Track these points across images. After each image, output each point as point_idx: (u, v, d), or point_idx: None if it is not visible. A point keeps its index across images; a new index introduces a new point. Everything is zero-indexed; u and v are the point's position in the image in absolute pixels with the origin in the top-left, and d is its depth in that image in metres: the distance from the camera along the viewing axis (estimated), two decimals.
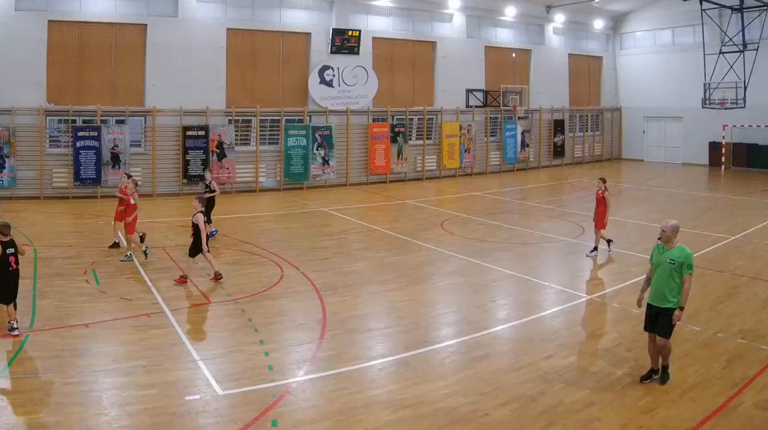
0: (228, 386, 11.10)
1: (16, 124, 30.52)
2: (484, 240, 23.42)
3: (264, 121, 36.64)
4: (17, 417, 9.88)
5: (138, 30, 33.43)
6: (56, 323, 14.01)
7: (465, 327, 14.50)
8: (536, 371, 11.84)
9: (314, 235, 24.43)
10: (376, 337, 13.89)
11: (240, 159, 35.61)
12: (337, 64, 38.41)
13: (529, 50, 47.56)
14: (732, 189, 38.54)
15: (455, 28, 43.53)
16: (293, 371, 11.91)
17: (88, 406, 10.28)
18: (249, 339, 13.37)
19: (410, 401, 10.64)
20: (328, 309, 15.38)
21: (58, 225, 22.83)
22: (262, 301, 15.99)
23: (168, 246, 21.54)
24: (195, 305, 15.81)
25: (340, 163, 38.59)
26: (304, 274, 18.47)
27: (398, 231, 24.86)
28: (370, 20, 40.27)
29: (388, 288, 17.41)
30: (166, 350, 12.69)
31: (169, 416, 10.01)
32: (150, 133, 33.48)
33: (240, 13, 35.99)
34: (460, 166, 43.38)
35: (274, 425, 9.78)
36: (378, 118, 40.32)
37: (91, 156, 31.79)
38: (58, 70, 31.81)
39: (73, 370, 11.55)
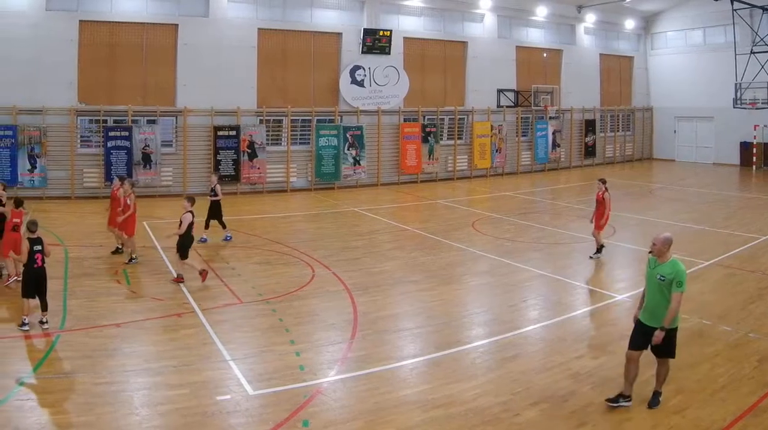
0: (259, 386, 10.84)
1: (47, 125, 29.63)
2: (515, 240, 22.76)
3: (295, 121, 35.51)
4: (48, 417, 9.65)
5: (169, 30, 32.40)
6: (87, 323, 13.69)
7: (496, 327, 14.05)
8: (567, 371, 11.51)
9: (345, 235, 23.79)
10: (407, 337, 13.57)
11: (271, 159, 34.49)
12: (368, 64, 37.18)
13: (560, 50, 45.92)
14: (763, 189, 37.31)
15: (486, 28, 42.03)
16: (324, 371, 11.63)
17: (118, 406, 10.05)
18: (280, 339, 13.05)
19: (441, 401, 10.37)
20: (359, 309, 14.97)
21: (89, 225, 22.24)
22: (293, 301, 15.56)
23: (198, 246, 20.62)
24: (226, 305, 15.29)
25: (371, 163, 37.37)
26: (335, 274, 17.97)
27: (429, 231, 24.14)
28: (401, 20, 38.94)
29: (419, 288, 16.93)
30: (197, 350, 12.41)
31: (200, 416, 9.79)
32: (181, 133, 32.47)
33: (271, 13, 34.84)
34: (492, 166, 41.97)
35: (306, 425, 9.55)
36: (409, 118, 39.00)
37: (122, 156, 30.82)
38: (89, 70, 30.83)
39: (104, 370, 11.31)
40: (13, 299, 14.75)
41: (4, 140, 28.92)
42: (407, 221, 26.93)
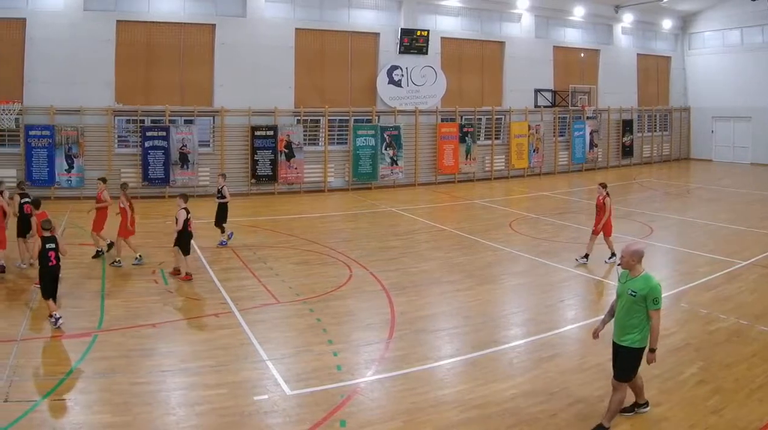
0: (296, 386, 10.57)
1: (84, 125, 28.63)
2: (552, 240, 22.03)
3: (332, 121, 34.21)
4: (84, 417, 9.41)
5: (206, 30, 31.19)
6: (124, 322, 13.40)
7: (533, 327, 13.67)
8: (604, 372, 10.89)
9: (383, 235, 22.99)
10: (445, 337, 13.18)
11: (308, 159, 33.22)
12: (406, 64, 35.67)
13: (597, 50, 43.92)
14: None
15: (524, 28, 40.25)
16: (361, 371, 11.32)
17: (156, 406, 9.85)
18: (317, 339, 12.72)
19: (478, 401, 10.10)
20: (396, 309, 14.57)
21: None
22: (330, 301, 15.15)
23: (236, 246, 20.21)
24: (263, 304, 14.84)
25: (408, 163, 35.91)
26: (373, 274, 17.42)
27: (467, 231, 23.30)
28: (439, 20, 37.32)
29: (456, 288, 16.40)
30: (235, 349, 12.10)
31: (237, 416, 9.58)
32: (218, 133, 31.31)
33: (308, 13, 33.49)
34: (529, 166, 40.28)
35: (343, 426, 9.32)
36: (446, 118, 37.46)
37: (160, 156, 29.75)
38: (126, 70, 29.75)
39: (141, 370, 11.08)
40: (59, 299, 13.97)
41: (41, 140, 27.88)
42: (445, 221, 25.96)
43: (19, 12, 27.64)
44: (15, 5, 27.60)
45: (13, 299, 14.81)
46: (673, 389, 10.43)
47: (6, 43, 27.15)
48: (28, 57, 27.83)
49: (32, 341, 12.36)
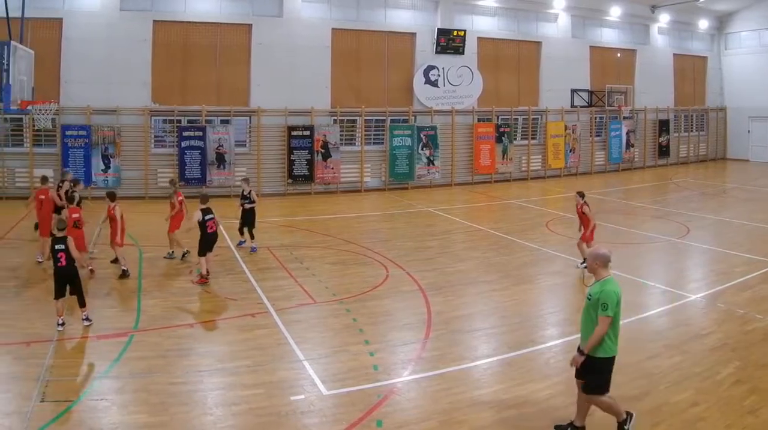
0: (333, 386, 10.23)
1: (121, 125, 27.48)
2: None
3: (369, 121, 32.70)
4: (121, 417, 9.13)
5: (243, 30, 29.85)
6: (161, 322, 12.99)
7: (569, 327, 12.85)
8: (641, 371, 10.76)
9: (419, 235, 22.07)
10: (481, 337, 12.72)
11: (345, 159, 31.73)
12: (442, 64, 33.98)
13: (633, 50, 41.78)
14: None
15: (560, 28, 38.28)
16: (398, 371, 10.92)
17: (193, 406, 9.55)
18: (354, 339, 12.29)
19: (514, 401, 9.78)
20: (432, 309, 14.07)
21: (163, 225, 20.03)
22: (367, 301, 14.61)
23: (273, 246, 19.54)
24: (300, 304, 14.33)
25: (445, 163, 34.21)
26: (409, 274, 16.78)
27: (503, 231, 22.45)
28: (475, 20, 35.50)
29: (492, 288, 15.85)
30: (271, 349, 11.70)
31: (274, 416, 9.27)
32: (255, 133, 29.94)
33: (345, 13, 31.98)
34: (565, 166, 38.36)
35: (379, 426, 9.02)
36: (483, 118, 35.65)
37: (196, 156, 28.48)
38: (162, 70, 28.52)
39: (178, 370, 10.71)
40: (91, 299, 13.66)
41: (78, 140, 26.77)
42: (481, 221, 24.80)
43: (55, 12, 26.54)
44: (52, 5, 26.47)
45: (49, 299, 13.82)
46: (709, 389, 10.11)
47: (43, 43, 25.82)
48: (65, 57, 26.76)
49: (68, 341, 11.91)
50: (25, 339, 11.71)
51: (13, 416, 8.93)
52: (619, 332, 8.46)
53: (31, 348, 11.36)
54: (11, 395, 9.62)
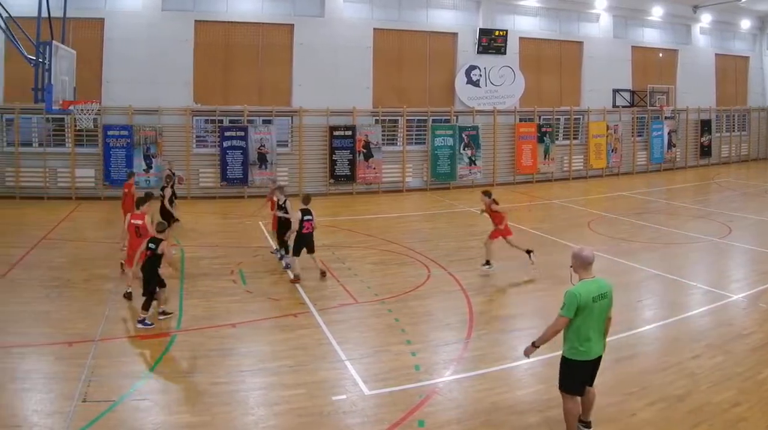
0: (375, 386, 9.67)
1: (162, 125, 25.86)
2: (631, 240, 19.87)
3: (411, 121, 30.65)
4: (164, 417, 8.60)
5: (285, 30, 28.03)
6: (203, 322, 12.33)
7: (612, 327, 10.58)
8: (683, 371, 10.20)
9: (461, 235, 20.76)
10: (523, 337, 11.47)
11: (386, 159, 29.79)
12: (484, 64, 31.79)
13: (675, 50, 38.98)
14: None
15: (602, 28, 35.74)
16: (440, 371, 10.33)
17: (234, 406, 9.05)
18: (396, 339, 11.63)
19: (557, 401, 8.54)
20: (474, 309, 13.25)
21: (205, 225, 20.23)
22: (408, 301, 13.80)
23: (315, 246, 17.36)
24: (342, 305, 13.59)
25: (486, 163, 32.03)
26: (451, 274, 15.79)
27: (545, 231, 21.14)
28: (517, 20, 33.22)
29: (534, 288, 15.01)
30: (313, 350, 11.09)
31: (316, 416, 8.77)
32: (297, 133, 28.11)
33: (387, 14, 29.97)
34: (607, 166, 35.89)
35: (421, 425, 8.47)
36: (525, 118, 33.39)
37: (238, 156, 26.79)
38: (204, 70, 26.86)
39: (220, 370, 10.18)
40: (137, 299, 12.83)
41: (120, 140, 25.25)
42: (523, 221, 23.10)
43: (97, 12, 25.04)
44: (93, 5, 24.97)
45: (91, 299, 13.43)
46: (751, 389, 9.51)
47: (85, 43, 24.23)
48: (107, 57, 25.27)
49: (111, 341, 11.25)
50: (68, 339, 11.03)
51: (55, 416, 8.43)
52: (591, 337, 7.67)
53: (73, 348, 10.72)
54: (53, 395, 9.09)
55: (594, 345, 7.71)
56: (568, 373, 7.85)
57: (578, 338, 7.65)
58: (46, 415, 8.50)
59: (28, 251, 17.11)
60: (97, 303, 13.07)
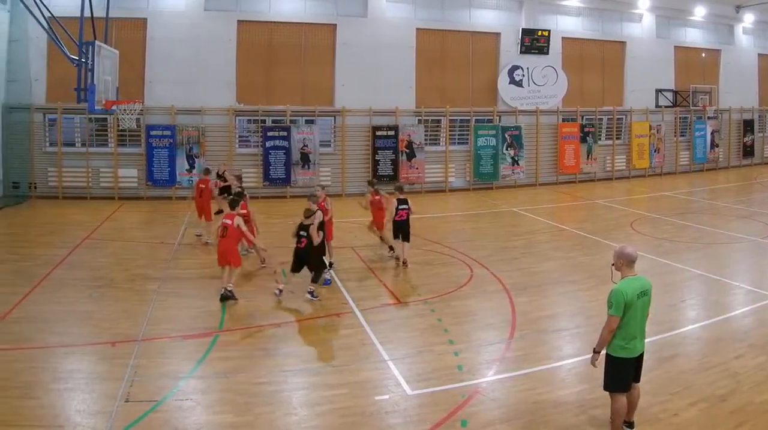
0: (417, 385, 8.90)
1: (205, 124, 23.91)
2: (674, 240, 18.51)
3: (453, 121, 28.27)
4: (206, 417, 7.93)
5: (327, 30, 25.90)
6: (246, 323, 11.57)
7: (654, 327, 10.66)
8: (726, 371, 9.29)
9: (504, 235, 19.48)
10: (566, 337, 11.10)
11: (429, 159, 27.47)
12: (527, 64, 29.30)
13: (718, 50, 35.91)
14: None
15: (645, 29, 32.91)
16: (483, 371, 9.50)
17: (277, 406, 8.34)
18: (438, 339, 10.77)
19: (599, 401, 8.04)
20: (517, 309, 12.37)
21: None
22: (451, 301, 12.84)
23: (358, 246, 17.20)
24: (384, 305, 12.70)
25: (529, 163, 29.53)
26: (494, 274, 14.69)
27: (587, 231, 19.72)
28: (560, 20, 30.62)
29: (577, 288, 13.91)
30: (356, 349, 10.26)
31: (358, 416, 8.05)
32: (339, 133, 25.99)
33: (429, 13, 27.64)
34: (650, 166, 33.10)
35: (464, 425, 7.79)
36: (567, 118, 30.79)
37: (281, 156, 24.76)
38: (247, 70, 24.85)
39: (262, 370, 9.38)
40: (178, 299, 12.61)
41: (162, 140, 23.40)
42: (565, 221, 22.02)
43: (140, 12, 23.21)
44: (136, 5, 23.14)
45: (134, 299, 12.59)
46: None
47: (127, 43, 22.48)
48: (149, 57, 23.46)
49: (153, 341, 10.47)
50: (111, 339, 10.31)
51: (97, 416, 7.87)
52: (636, 334, 7.26)
53: (117, 348, 10.03)
54: (96, 395, 8.47)
55: (638, 342, 7.29)
56: (614, 372, 7.34)
57: (624, 336, 7.19)
58: (89, 415, 7.93)
59: (71, 251, 15.93)
60: (139, 303, 12.19)
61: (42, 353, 9.77)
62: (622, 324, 7.19)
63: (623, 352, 7.25)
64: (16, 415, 7.81)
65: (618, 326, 7.19)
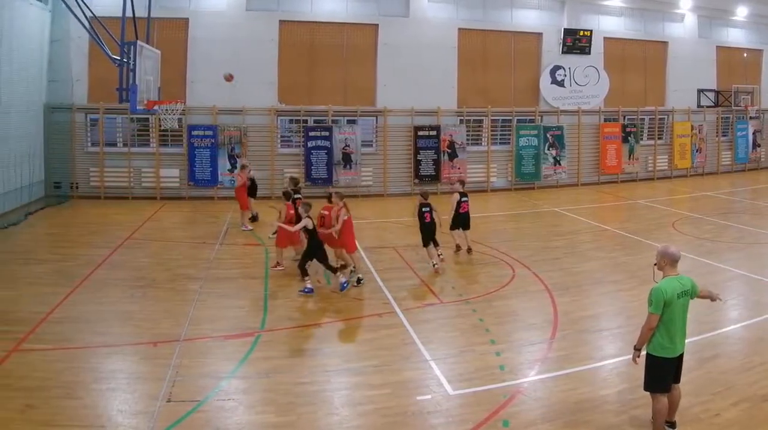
0: (459, 385, 8.14)
1: (247, 124, 21.83)
2: (715, 240, 17.09)
3: (495, 121, 25.70)
4: (248, 417, 7.34)
5: (369, 30, 23.61)
6: (288, 323, 10.48)
7: (696, 327, 9.50)
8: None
9: (545, 235, 17.96)
10: (607, 337, 10.01)
11: (471, 159, 24.97)
12: (569, 64, 26.60)
13: (760, 50, 32.64)
14: None
15: (687, 29, 29.92)
16: (524, 371, 8.67)
17: (319, 406, 7.65)
18: (480, 339, 9.78)
19: (641, 401, 7.38)
20: (559, 309, 11.16)
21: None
22: (493, 301, 11.75)
23: (399, 246, 15.84)
24: (426, 305, 11.57)
25: (571, 163, 26.84)
26: (536, 274, 13.56)
27: (629, 231, 18.14)
28: (602, 20, 27.83)
29: (619, 288, 12.73)
30: (398, 350, 9.35)
31: (400, 416, 7.41)
32: (381, 133, 23.68)
33: (471, 14, 25.15)
34: (692, 166, 30.14)
35: (506, 425, 7.15)
36: (609, 118, 27.98)
37: (323, 156, 22.57)
38: (288, 70, 22.69)
39: (304, 370, 8.62)
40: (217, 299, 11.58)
41: (204, 140, 21.39)
42: (607, 221, 20.34)
43: (181, 12, 21.23)
44: (178, 5, 21.15)
45: (175, 299, 11.61)
46: None
47: (169, 43, 20.56)
48: (191, 57, 21.47)
49: (195, 341, 9.64)
50: (152, 339, 9.56)
51: (139, 416, 7.23)
52: (676, 334, 6.53)
53: (158, 348, 9.31)
54: (138, 395, 7.79)
55: (679, 342, 6.65)
56: (655, 372, 6.71)
57: (665, 335, 6.60)
58: (131, 415, 7.40)
59: (112, 251, 14.73)
60: (181, 303, 11.31)
61: (84, 353, 9.03)
62: (663, 323, 6.62)
63: (663, 351, 6.70)
64: (58, 415, 7.20)
65: (658, 325, 6.63)
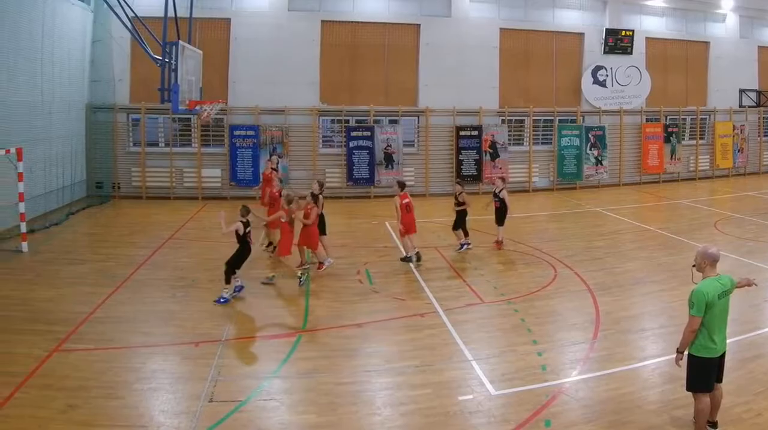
0: (501, 385, 7.40)
1: (289, 124, 19.90)
2: (757, 240, 15.52)
3: (537, 121, 23.32)
4: (290, 417, 6.75)
5: (411, 30, 21.44)
6: (329, 323, 9.56)
7: (738, 327, 8.74)
8: None
9: (587, 235, 16.51)
10: (649, 337, 9.03)
11: (513, 159, 22.66)
12: (610, 64, 24.04)
13: None
14: None
15: (728, 29, 27.09)
16: (566, 371, 7.81)
17: (361, 406, 6.98)
18: (522, 339, 8.85)
19: (683, 401, 6.66)
20: (601, 309, 10.08)
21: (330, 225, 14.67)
22: (535, 301, 10.58)
23: (441, 246, 14.46)
24: (468, 304, 10.37)
25: (613, 163, 24.27)
26: (578, 274, 12.23)
27: (671, 231, 16.66)
28: (643, 20, 25.19)
29: (661, 288, 11.26)
30: (439, 349, 8.50)
31: (442, 416, 6.74)
32: (423, 133, 21.50)
33: (513, 13, 22.83)
34: (733, 166, 27.33)
35: (548, 425, 6.50)
36: (651, 118, 25.31)
37: (364, 156, 20.56)
38: (330, 70, 20.67)
39: (346, 370, 7.86)
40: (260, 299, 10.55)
41: (246, 140, 19.52)
42: (649, 221, 18.66)
43: (223, 12, 19.42)
44: (219, 5, 19.35)
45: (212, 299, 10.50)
46: None
47: (211, 44, 18.83)
48: (233, 57, 19.65)
49: (237, 341, 8.72)
50: (194, 339, 8.68)
51: (182, 416, 6.55)
52: (718, 334, 5.92)
53: (200, 348, 8.42)
54: (180, 395, 7.04)
55: (721, 342, 5.94)
56: (697, 372, 6.02)
57: (707, 336, 5.92)
58: (173, 415, 6.66)
59: (154, 251, 13.70)
60: (222, 303, 10.34)
61: (125, 353, 8.34)
62: (704, 324, 5.92)
63: (705, 352, 6.00)
64: (100, 415, 6.65)
65: (700, 326, 5.92)
